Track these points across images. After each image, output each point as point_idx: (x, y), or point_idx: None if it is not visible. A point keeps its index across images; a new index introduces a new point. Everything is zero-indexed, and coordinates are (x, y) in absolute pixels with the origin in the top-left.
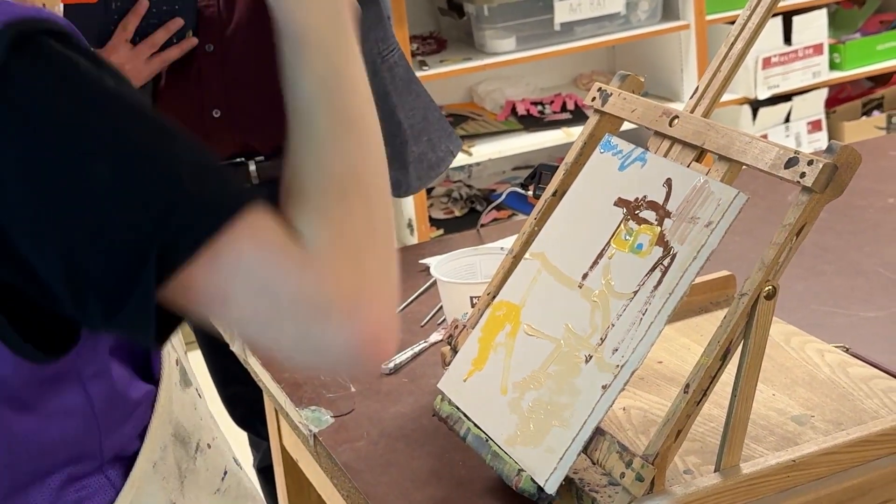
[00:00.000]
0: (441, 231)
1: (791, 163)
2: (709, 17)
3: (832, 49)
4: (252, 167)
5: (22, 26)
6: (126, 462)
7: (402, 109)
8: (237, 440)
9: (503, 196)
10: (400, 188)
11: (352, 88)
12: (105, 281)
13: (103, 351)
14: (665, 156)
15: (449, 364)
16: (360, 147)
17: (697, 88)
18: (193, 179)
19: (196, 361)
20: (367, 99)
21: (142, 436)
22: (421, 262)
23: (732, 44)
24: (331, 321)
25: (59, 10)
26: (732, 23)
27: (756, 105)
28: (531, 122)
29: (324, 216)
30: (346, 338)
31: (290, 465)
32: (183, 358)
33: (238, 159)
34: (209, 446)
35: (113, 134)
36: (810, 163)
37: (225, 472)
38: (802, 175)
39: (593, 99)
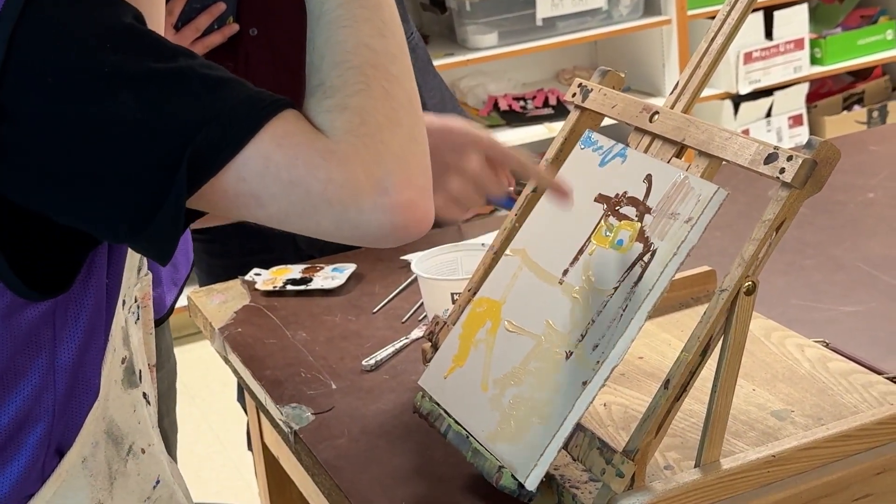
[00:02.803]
0: None
1: (770, 158)
2: (690, 13)
3: (813, 44)
4: None
5: None
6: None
7: (426, 91)
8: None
9: None
10: None
11: None
12: (136, 199)
13: (82, 321)
14: (645, 152)
15: (430, 361)
16: (376, 27)
17: (678, 84)
18: (214, 95)
19: (196, 354)
20: None
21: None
22: (402, 258)
23: (712, 39)
24: (364, 202)
25: None
26: (714, 18)
27: (737, 100)
28: (513, 118)
29: (345, 105)
30: (381, 212)
31: (271, 462)
32: (137, 361)
33: None
34: (143, 451)
35: (133, 63)
36: (789, 158)
37: (157, 481)
38: (782, 171)
39: (573, 95)
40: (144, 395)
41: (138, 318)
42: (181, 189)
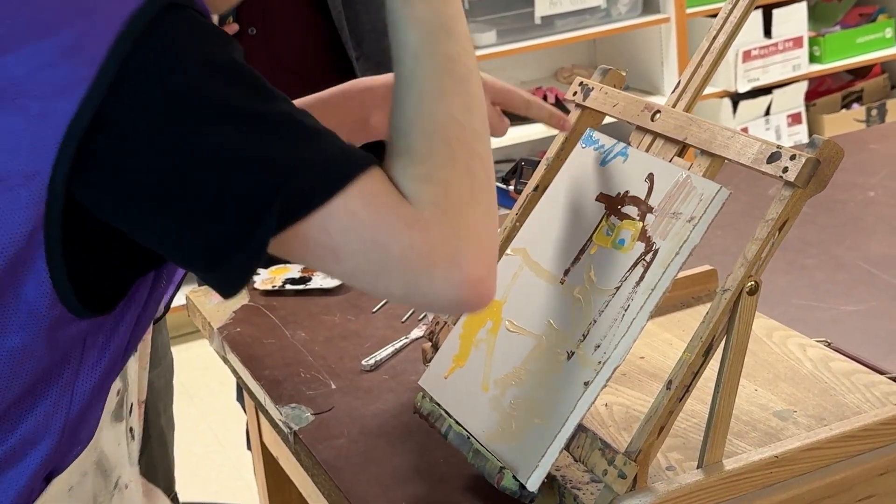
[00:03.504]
0: None
1: (773, 157)
2: (689, 11)
3: (812, 42)
4: None
5: None
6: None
7: None
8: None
9: None
10: None
11: (456, 40)
12: (221, 232)
13: (111, 347)
14: (647, 150)
15: (430, 361)
16: (465, 102)
17: (679, 82)
18: (310, 143)
19: (193, 352)
20: (471, 53)
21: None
22: None
23: (714, 37)
24: (437, 272)
25: None
26: (713, 16)
27: (736, 98)
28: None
29: (431, 176)
30: (451, 286)
31: (270, 462)
32: (131, 394)
33: None
34: (126, 487)
35: (241, 100)
36: (793, 157)
37: None
38: (785, 170)
39: (574, 93)
40: (131, 429)
41: (136, 352)
42: (268, 230)
